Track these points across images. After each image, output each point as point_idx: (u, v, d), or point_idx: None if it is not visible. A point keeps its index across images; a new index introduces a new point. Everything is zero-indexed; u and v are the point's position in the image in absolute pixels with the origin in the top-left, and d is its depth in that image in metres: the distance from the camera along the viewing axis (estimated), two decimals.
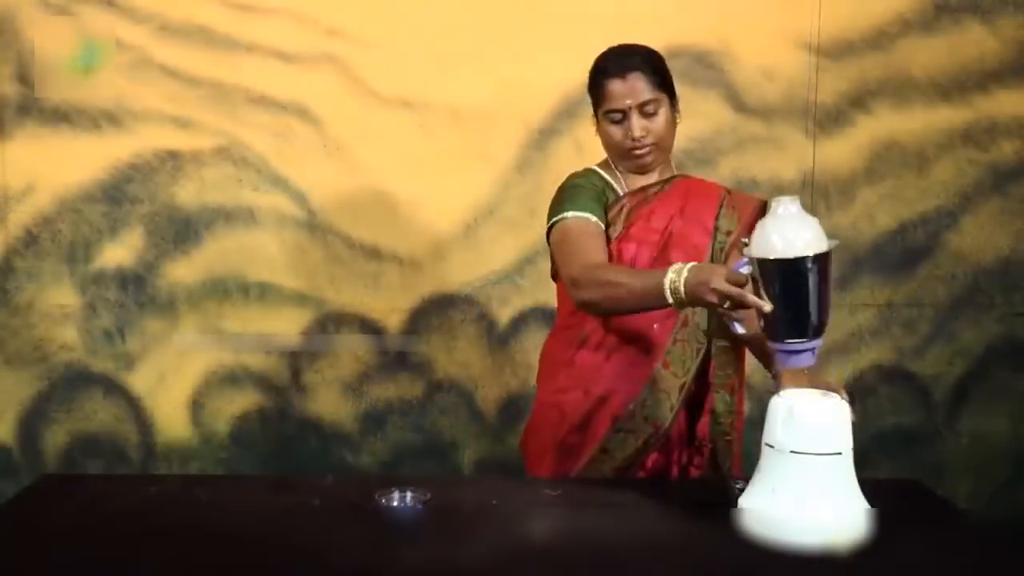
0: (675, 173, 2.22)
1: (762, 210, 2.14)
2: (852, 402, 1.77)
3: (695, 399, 2.14)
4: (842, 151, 3.26)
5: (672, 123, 2.13)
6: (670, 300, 1.78)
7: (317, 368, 3.27)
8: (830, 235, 1.67)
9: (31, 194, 3.17)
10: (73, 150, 3.15)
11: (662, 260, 2.09)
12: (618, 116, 2.09)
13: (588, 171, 2.19)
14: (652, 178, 2.17)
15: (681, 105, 2.15)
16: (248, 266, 3.20)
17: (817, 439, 1.68)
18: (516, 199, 3.22)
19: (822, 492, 1.68)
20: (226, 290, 3.21)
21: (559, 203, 2.13)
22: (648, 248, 2.11)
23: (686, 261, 1.90)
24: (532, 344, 3.26)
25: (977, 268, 3.32)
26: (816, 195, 3.27)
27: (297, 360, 3.23)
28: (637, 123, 2.08)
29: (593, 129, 2.18)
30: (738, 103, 3.23)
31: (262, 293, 3.20)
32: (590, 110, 2.18)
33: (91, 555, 1.62)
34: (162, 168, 3.18)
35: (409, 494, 1.82)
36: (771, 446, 1.71)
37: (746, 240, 1.69)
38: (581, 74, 2.16)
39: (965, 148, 3.28)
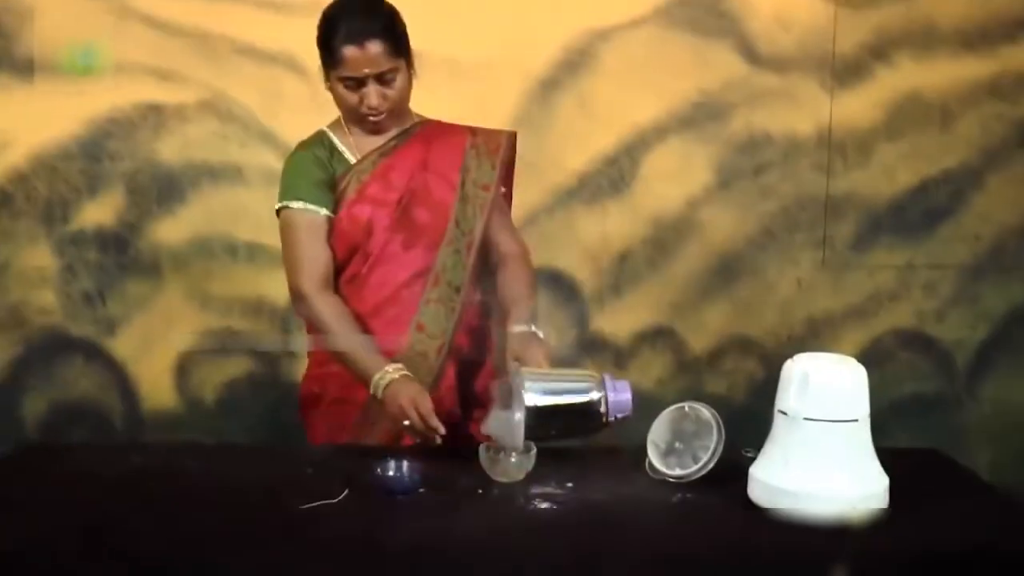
0: (415, 120, 2.23)
1: (513, 143, 2.25)
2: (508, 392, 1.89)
3: (470, 357, 2.19)
4: (861, 105, 3.24)
5: (409, 84, 2.15)
6: (371, 391, 2.02)
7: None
8: (845, 195, 1.68)
9: (4, 151, 3.15)
10: (49, 104, 3.12)
11: (404, 222, 2.14)
12: (353, 83, 2.09)
13: (316, 137, 2.21)
14: (389, 136, 2.19)
15: (691, 55, 2.15)
16: (236, 226, 3.19)
17: (833, 405, 1.69)
18: (517, 156, 3.19)
19: (837, 461, 1.69)
20: (212, 251, 3.21)
21: (283, 184, 2.18)
22: (386, 210, 2.14)
23: (432, 221, 2.11)
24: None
25: (1002, 228, 3.31)
26: (833, 151, 3.26)
27: (288, 324, 3.23)
28: (375, 92, 2.09)
29: (598, 83, 2.18)
30: (751, 54, 3.20)
31: (251, 254, 3.20)
32: (596, 62, 2.18)
33: (77, 526, 1.63)
34: (143, 123, 3.16)
35: (406, 464, 1.83)
36: (784, 413, 1.72)
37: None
38: (586, 23, 2.15)
39: (991, 102, 3.26)
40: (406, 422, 1.97)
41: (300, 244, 2.13)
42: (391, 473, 1.82)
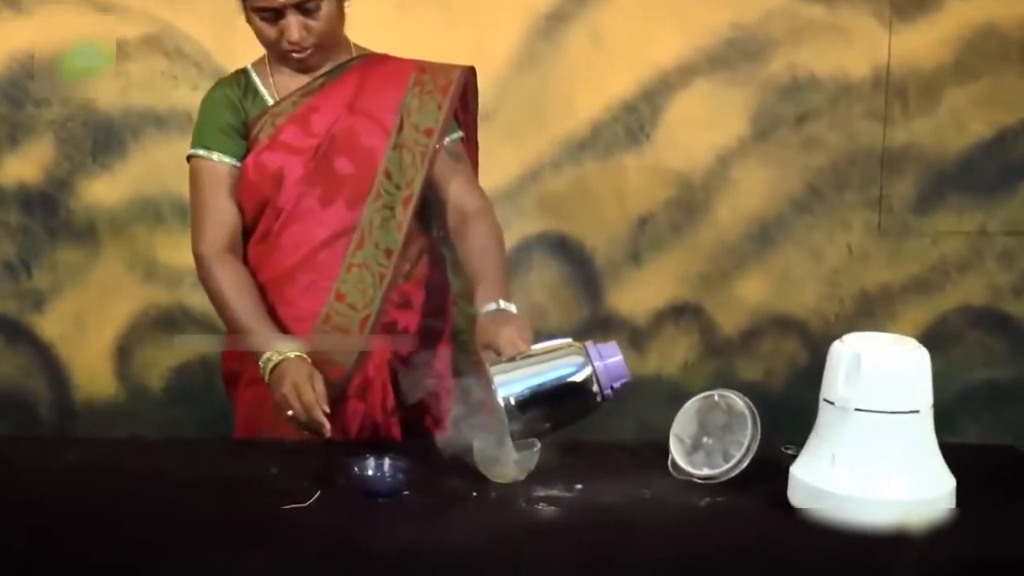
0: (353, 55, 2.22)
1: (467, 81, 2.23)
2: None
3: (419, 336, 2.19)
4: (925, 41, 3.23)
5: (339, 14, 2.14)
6: (261, 370, 2.03)
7: None
8: (904, 147, 1.67)
9: None
10: None
11: (322, 173, 2.14)
12: (270, 15, 2.08)
13: (232, 75, 2.22)
14: (318, 74, 2.18)
15: None
16: (186, 183, 3.16)
17: (889, 394, 1.69)
18: (517, 101, 3.20)
19: (894, 459, 1.70)
20: (159, 213, 3.20)
21: (195, 128, 2.20)
22: (299, 159, 2.14)
23: (356, 172, 2.12)
24: (537, 279, 3.28)
25: None
26: (891, 96, 3.25)
27: None
28: (295, 24, 2.07)
29: (613, 15, 2.17)
30: None
31: None
32: None
33: None
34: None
35: (387, 462, 1.84)
36: (831, 402, 1.73)
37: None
38: None
39: None
40: (289, 412, 1.96)
41: (202, 199, 2.15)
42: (371, 472, 1.82)
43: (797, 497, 1.75)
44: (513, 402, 1.79)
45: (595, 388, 1.82)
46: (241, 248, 2.17)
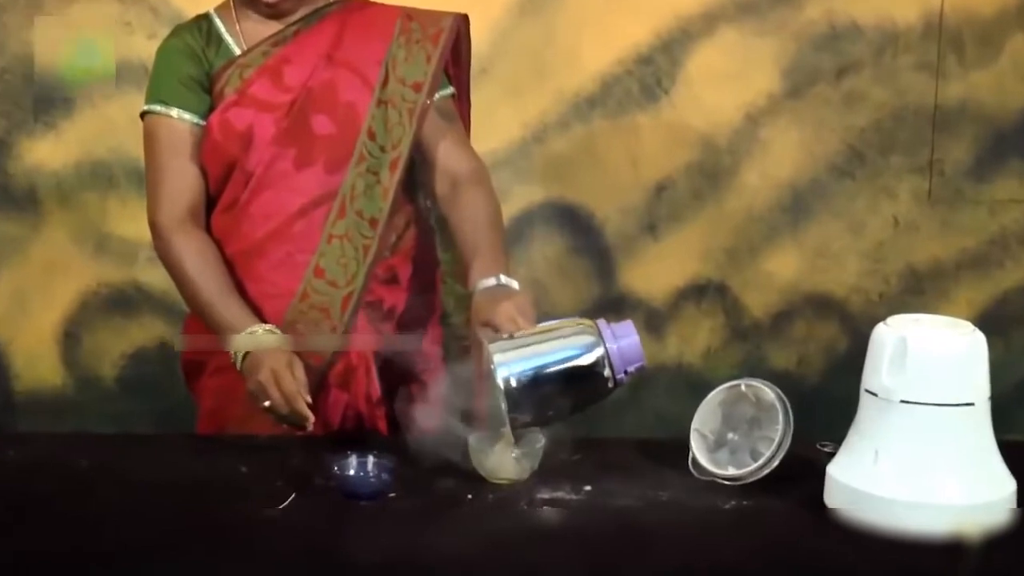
0: (331, 0, 2.20)
1: (460, 30, 2.22)
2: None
3: (402, 317, 2.20)
4: None
5: None
6: (232, 357, 2.04)
7: None
8: (960, 104, 1.67)
9: None
10: None
11: (297, 133, 2.13)
12: None
13: (193, 21, 2.21)
14: (291, 20, 2.17)
15: None
16: (142, 144, 3.18)
17: (940, 384, 1.69)
18: (517, 53, 3.20)
19: (946, 458, 1.70)
20: (112, 178, 3.21)
21: (150, 81, 2.19)
22: (271, 116, 2.13)
23: (337, 131, 2.11)
24: (540, 254, 3.28)
25: None
26: (945, 46, 3.25)
27: None
28: None
29: None
30: None
31: None
32: None
33: None
34: (11, 5, 3.14)
35: (371, 460, 1.84)
36: (873, 394, 1.73)
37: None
38: None
39: None
40: (266, 403, 1.96)
41: (159, 162, 2.15)
42: (353, 472, 1.83)
43: (835, 501, 1.76)
44: (514, 383, 1.80)
45: (606, 372, 1.83)
46: (204, 217, 2.17)
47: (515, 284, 2.00)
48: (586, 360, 1.83)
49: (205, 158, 2.14)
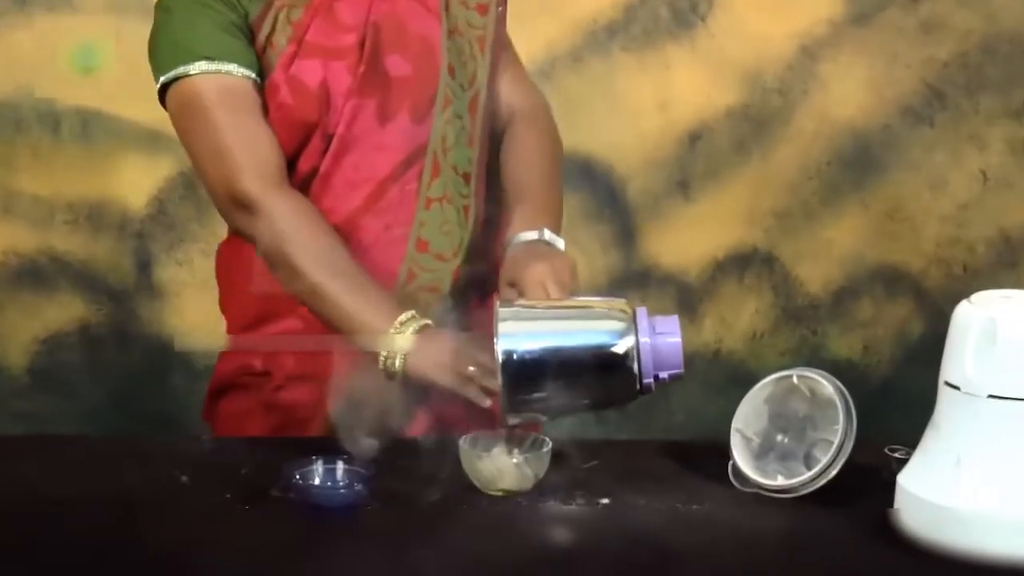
0: None
1: None
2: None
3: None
4: None
5: None
6: (382, 364, 2.00)
7: (182, 255, 3.30)
8: None
9: None
10: None
11: (375, 79, 2.13)
12: None
13: None
14: None
15: None
16: (58, 82, 3.20)
17: None
18: None
19: None
20: (19, 122, 3.23)
21: (165, 39, 2.13)
22: (343, 64, 2.12)
23: (415, 71, 2.13)
24: None
25: None
26: None
27: (147, 243, 3.27)
28: None
29: None
30: None
31: (84, 128, 3.22)
32: None
33: None
34: None
35: (342, 467, 1.84)
36: (955, 387, 1.72)
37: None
38: None
39: None
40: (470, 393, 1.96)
41: (222, 124, 2.09)
42: (318, 481, 1.83)
43: (908, 517, 1.76)
44: (516, 359, 1.81)
45: (635, 369, 1.82)
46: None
47: (560, 243, 2.05)
48: (610, 350, 1.83)
49: (272, 129, 2.12)
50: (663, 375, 1.84)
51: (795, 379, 1.92)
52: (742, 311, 3.35)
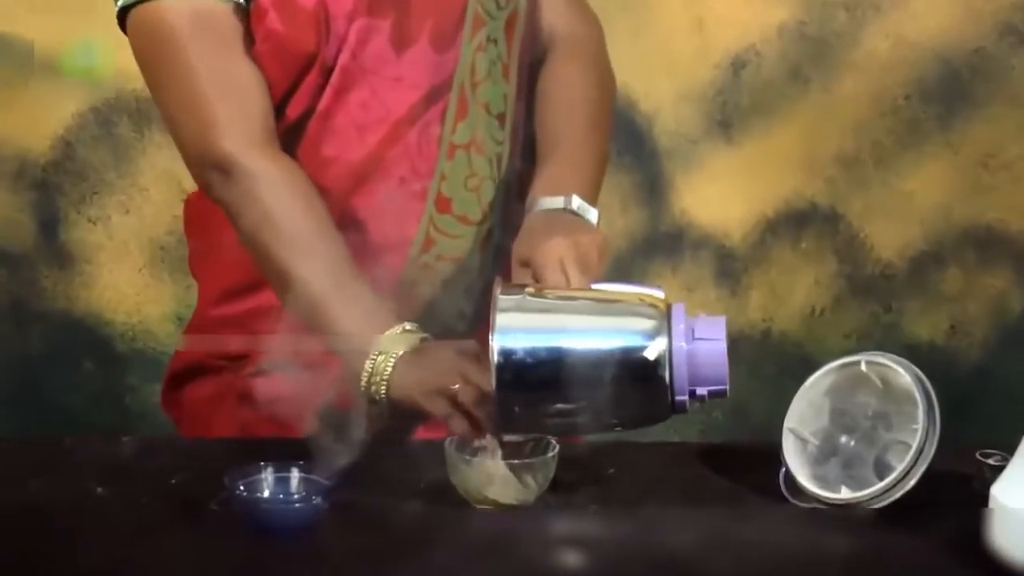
0: None
1: None
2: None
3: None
4: None
5: None
6: (363, 388, 1.99)
7: (96, 211, 3.32)
8: None
9: None
10: None
11: (406, 29, 2.14)
12: None
13: None
14: None
15: None
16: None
17: None
18: None
19: None
20: None
21: None
22: (366, 11, 2.13)
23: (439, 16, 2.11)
24: None
25: None
26: None
27: (51, 195, 3.30)
28: None
29: None
30: None
31: None
32: None
33: None
34: None
35: (296, 476, 1.85)
36: None
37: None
38: None
39: None
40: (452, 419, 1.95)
41: (196, 68, 2.10)
42: (267, 493, 1.83)
43: (1003, 536, 1.77)
44: (515, 361, 1.81)
45: (665, 378, 1.82)
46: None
47: (592, 214, 2.04)
48: (635, 356, 1.82)
49: (263, 63, 2.13)
50: (701, 391, 1.83)
51: (863, 366, 1.93)
52: (798, 282, 3.36)
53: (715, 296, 1.84)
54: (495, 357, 1.80)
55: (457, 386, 1.92)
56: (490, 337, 1.81)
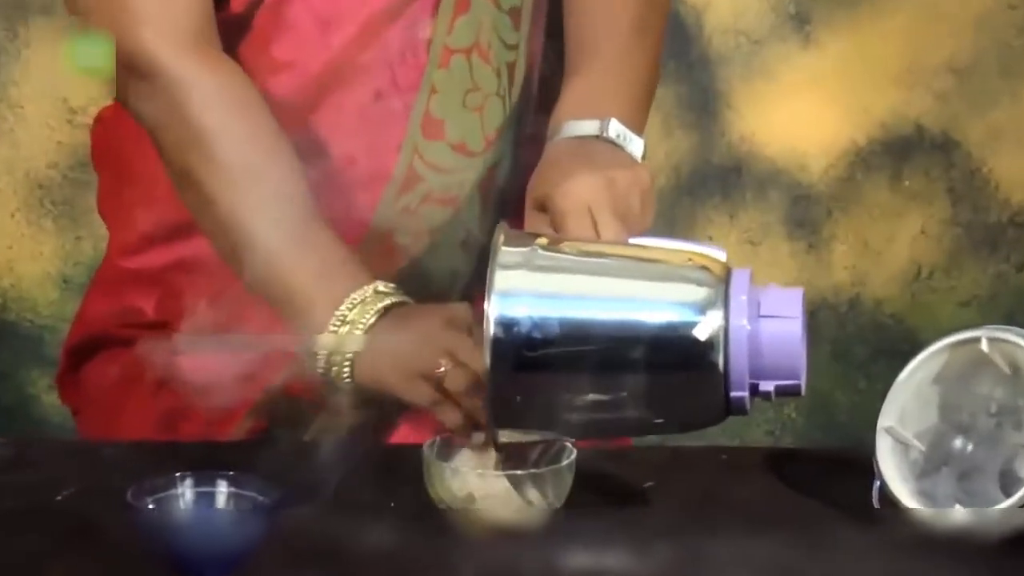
0: None
1: None
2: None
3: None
4: None
5: None
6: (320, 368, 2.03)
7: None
8: None
9: None
10: None
11: None
12: None
13: None
14: None
15: None
16: None
17: None
18: None
19: None
20: None
21: None
22: None
23: None
24: None
25: None
26: None
27: None
28: None
29: None
30: None
31: None
32: None
33: None
34: None
35: (226, 492, 1.84)
36: None
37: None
38: None
39: None
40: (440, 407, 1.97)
41: None
42: (188, 513, 1.82)
43: None
44: (515, 336, 1.80)
45: (719, 367, 1.80)
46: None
47: (636, 145, 2.09)
48: (680, 336, 1.81)
49: None
50: (767, 386, 1.82)
51: (984, 345, 1.91)
52: (898, 233, 3.36)
53: (787, 251, 1.81)
54: (491, 328, 1.78)
55: (444, 367, 1.92)
56: (486, 302, 1.80)
